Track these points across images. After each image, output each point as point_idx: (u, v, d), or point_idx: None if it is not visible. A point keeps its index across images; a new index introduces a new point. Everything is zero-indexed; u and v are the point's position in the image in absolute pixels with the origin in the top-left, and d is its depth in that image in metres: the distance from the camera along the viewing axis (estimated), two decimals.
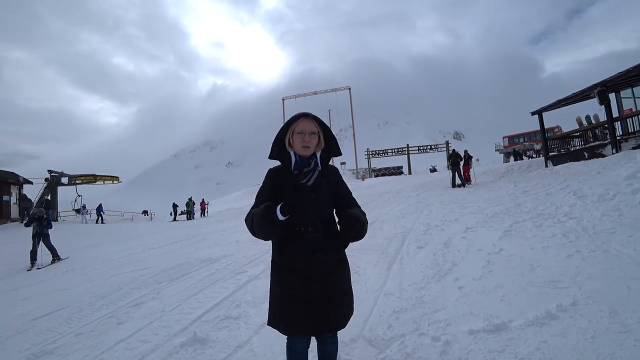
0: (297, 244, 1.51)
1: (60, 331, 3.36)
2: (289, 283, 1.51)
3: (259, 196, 1.58)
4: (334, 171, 1.68)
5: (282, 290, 1.52)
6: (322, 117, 1.73)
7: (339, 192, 1.65)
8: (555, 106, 12.74)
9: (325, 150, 1.65)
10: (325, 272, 1.52)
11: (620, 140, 10.30)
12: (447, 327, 2.31)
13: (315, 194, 1.54)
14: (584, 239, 3.77)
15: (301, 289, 1.48)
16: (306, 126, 1.55)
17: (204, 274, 4.93)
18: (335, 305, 1.52)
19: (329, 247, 1.55)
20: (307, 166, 1.56)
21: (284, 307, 1.50)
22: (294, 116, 1.59)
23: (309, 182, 1.54)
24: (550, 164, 12.75)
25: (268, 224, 1.42)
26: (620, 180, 5.92)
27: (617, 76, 10.03)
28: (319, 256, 1.50)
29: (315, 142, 1.58)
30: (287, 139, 1.59)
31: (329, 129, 1.64)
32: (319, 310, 1.47)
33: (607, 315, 2.16)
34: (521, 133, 40.24)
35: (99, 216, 22.96)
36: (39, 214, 9.16)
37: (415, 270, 3.69)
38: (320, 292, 1.49)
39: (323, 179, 1.59)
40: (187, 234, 11.09)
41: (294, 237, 1.51)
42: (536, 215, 5.22)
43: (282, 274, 1.53)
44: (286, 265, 1.52)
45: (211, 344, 2.63)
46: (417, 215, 7.03)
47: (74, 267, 7.50)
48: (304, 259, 1.49)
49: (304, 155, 1.56)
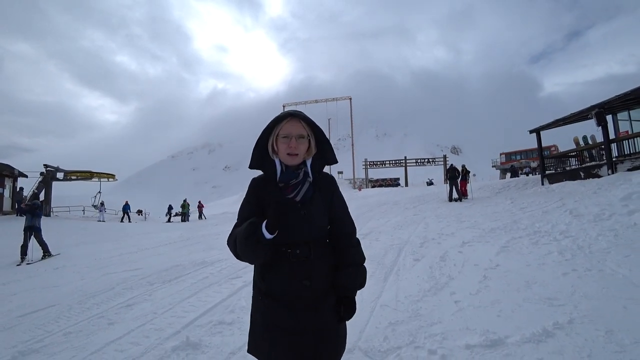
0: (282, 268, 1.26)
1: (48, 329, 3.28)
2: (271, 311, 1.27)
3: (242, 211, 1.34)
4: (328, 181, 1.41)
5: (264, 319, 1.29)
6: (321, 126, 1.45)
7: (333, 212, 1.39)
8: (553, 125, 12.92)
9: (318, 156, 1.39)
10: (314, 302, 1.27)
11: (616, 162, 10.44)
12: (444, 341, 2.30)
13: (306, 210, 1.29)
14: (579, 257, 3.80)
15: (286, 320, 1.25)
16: (293, 129, 1.29)
17: (198, 277, 4.88)
18: (326, 340, 1.28)
19: (320, 272, 1.30)
20: (295, 178, 1.31)
21: (265, 337, 1.27)
22: (278, 116, 1.33)
23: (297, 196, 1.30)
24: (546, 182, 12.87)
25: (253, 244, 1.17)
26: (616, 201, 5.99)
27: (615, 99, 10.22)
28: (307, 284, 1.26)
29: (304, 148, 1.32)
30: (271, 144, 1.34)
31: (321, 131, 1.37)
32: (306, 344, 1.24)
33: (603, 334, 2.17)
34: (518, 150, 40.66)
35: (126, 214, 22.66)
36: (34, 205, 9.05)
37: (412, 282, 3.68)
38: (309, 324, 1.26)
39: (315, 191, 1.34)
40: (181, 236, 11.00)
41: (279, 258, 1.27)
42: (533, 232, 5.25)
43: (264, 300, 1.30)
44: (268, 291, 1.29)
45: (204, 349, 2.58)
46: (413, 228, 7.04)
47: (65, 264, 7.39)
48: (289, 286, 1.26)
49: (291, 164, 1.31)
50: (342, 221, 1.41)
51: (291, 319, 1.25)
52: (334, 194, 1.40)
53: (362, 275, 1.36)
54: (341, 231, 1.40)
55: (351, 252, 1.37)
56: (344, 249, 1.37)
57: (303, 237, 1.28)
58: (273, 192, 1.30)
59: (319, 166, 1.39)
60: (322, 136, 1.38)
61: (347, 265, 1.34)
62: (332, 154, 1.41)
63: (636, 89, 9.51)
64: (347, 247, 1.38)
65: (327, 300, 1.30)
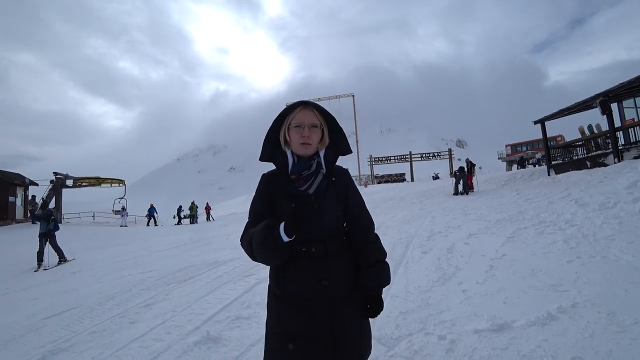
0: (297, 268, 1.19)
1: (73, 330, 3.44)
2: (288, 317, 1.19)
3: (254, 210, 1.28)
4: (343, 173, 1.34)
5: (280, 325, 1.20)
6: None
7: (349, 208, 1.31)
8: (558, 115, 12.87)
9: (331, 147, 1.33)
10: (333, 304, 1.19)
11: (622, 150, 10.40)
12: (453, 327, 2.42)
13: (320, 204, 1.22)
14: (584, 245, 3.88)
15: (304, 325, 1.17)
16: (305, 117, 1.24)
17: (212, 276, 5.03)
18: (346, 348, 1.19)
19: (339, 271, 1.22)
20: (308, 169, 1.24)
21: (283, 346, 1.18)
22: (290, 105, 1.28)
23: (310, 188, 1.23)
24: (552, 172, 12.84)
25: (272, 248, 1.11)
26: (621, 189, 6.02)
27: (620, 86, 10.17)
28: (325, 284, 1.18)
29: (317, 137, 1.27)
30: (282, 134, 1.29)
31: (335, 120, 1.31)
32: (324, 351, 1.16)
33: (605, 316, 2.27)
34: (524, 142, 40.35)
35: (152, 218, 22.48)
36: (48, 212, 9.30)
37: (420, 274, 3.80)
38: (326, 328, 1.17)
39: (329, 184, 1.27)
40: (192, 238, 11.20)
41: (294, 258, 1.20)
42: (538, 222, 5.32)
43: (280, 305, 1.22)
44: (284, 295, 1.21)
45: (224, 342, 2.71)
46: (420, 222, 7.14)
47: (82, 269, 7.62)
48: (307, 287, 1.18)
49: (304, 154, 1.26)
50: (358, 216, 1.32)
51: (308, 323, 1.17)
52: (349, 187, 1.33)
53: (386, 273, 1.29)
54: (358, 226, 1.31)
55: (371, 250, 1.29)
56: (363, 246, 1.29)
57: (318, 233, 1.21)
58: (285, 184, 1.25)
59: (333, 156, 1.32)
60: (336, 125, 1.32)
61: (370, 265, 1.26)
62: (346, 143, 1.34)
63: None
64: (365, 244, 1.30)
65: (346, 303, 1.22)
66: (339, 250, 1.24)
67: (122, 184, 26.27)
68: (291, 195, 1.21)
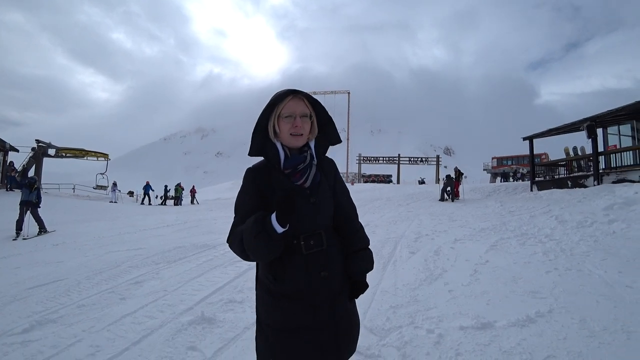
0: (296, 263, 1.17)
1: (60, 302, 3.41)
2: (287, 312, 1.17)
3: (242, 207, 1.21)
4: (330, 164, 1.33)
5: (277, 320, 1.18)
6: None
7: (337, 197, 1.31)
8: (546, 134, 13.36)
9: (320, 137, 1.30)
10: (331, 295, 1.20)
11: (603, 174, 10.94)
12: (440, 323, 2.59)
13: (316, 197, 1.21)
14: (562, 258, 4.14)
15: (303, 318, 1.17)
16: (296, 107, 1.19)
17: (202, 259, 5.07)
18: (344, 332, 1.23)
19: (335, 261, 1.24)
20: (302, 162, 1.20)
21: (281, 339, 1.17)
22: (279, 94, 1.21)
23: (306, 182, 1.21)
24: (535, 188, 13.35)
25: (266, 241, 1.06)
26: (599, 210, 6.38)
27: (607, 113, 10.67)
28: (325, 275, 1.18)
29: (308, 127, 1.22)
30: (271, 126, 1.22)
31: (324, 109, 1.28)
32: (327, 338, 1.17)
33: (577, 322, 2.49)
34: (510, 156, 41.46)
35: (147, 196, 22.09)
36: (31, 180, 9.03)
37: (409, 272, 3.97)
38: (328, 317, 1.18)
39: (322, 176, 1.26)
40: (177, 220, 11.11)
41: (291, 253, 1.18)
42: (520, 234, 5.60)
43: (277, 302, 1.18)
44: (282, 291, 1.18)
45: (219, 324, 2.76)
46: (407, 224, 7.35)
47: (64, 241, 7.47)
48: (306, 280, 1.17)
49: (295, 146, 1.21)
50: (345, 206, 1.34)
51: (310, 316, 1.17)
52: (336, 177, 1.33)
53: (370, 259, 1.33)
54: (345, 216, 1.33)
55: (357, 237, 1.33)
56: (350, 234, 1.32)
57: (315, 227, 1.20)
58: (280, 179, 1.20)
59: (323, 147, 1.30)
60: (325, 114, 1.29)
61: (356, 251, 1.30)
62: (335, 134, 1.32)
63: (627, 105, 9.96)
64: (352, 232, 1.33)
65: (342, 291, 1.25)
66: (333, 240, 1.25)
67: (106, 158, 25.59)
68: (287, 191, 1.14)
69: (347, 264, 1.28)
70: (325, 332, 1.17)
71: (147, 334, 2.63)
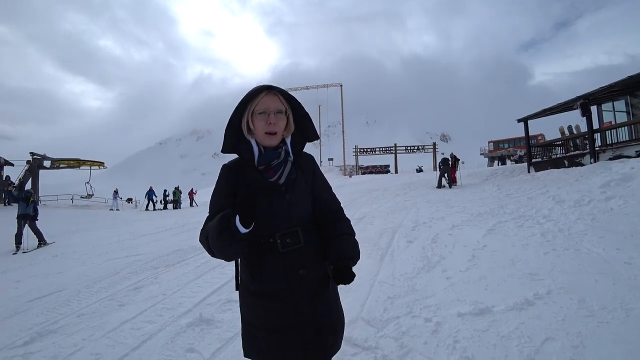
0: (273, 261, 1.16)
1: (60, 312, 3.42)
2: (267, 311, 1.16)
3: (214, 205, 1.20)
4: (308, 159, 1.31)
5: (259, 319, 1.17)
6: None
7: (316, 192, 1.29)
8: (540, 115, 13.32)
9: (297, 133, 1.28)
10: (311, 292, 1.19)
11: (599, 151, 10.92)
12: (438, 311, 2.58)
13: (291, 194, 1.19)
14: (559, 239, 4.13)
15: (284, 317, 1.15)
16: (270, 103, 1.17)
17: (200, 261, 5.06)
18: (326, 329, 1.21)
19: (313, 258, 1.21)
20: (277, 158, 1.19)
21: (263, 338, 1.16)
22: (253, 90, 1.19)
23: (280, 179, 1.19)
24: (532, 170, 13.35)
25: (229, 241, 1.04)
26: (596, 188, 6.37)
27: (600, 90, 10.61)
28: (303, 273, 1.17)
29: (283, 124, 1.20)
30: (245, 122, 1.21)
31: (300, 105, 1.26)
32: (309, 336, 1.16)
33: (576, 302, 2.48)
34: (506, 139, 41.49)
35: (151, 201, 22.03)
36: (27, 194, 9.01)
37: (406, 262, 3.96)
38: (309, 315, 1.17)
39: (298, 172, 1.24)
40: (176, 223, 11.11)
41: (268, 251, 1.16)
42: (518, 216, 5.59)
43: (257, 301, 1.18)
44: (263, 291, 1.16)
45: (217, 324, 2.77)
46: (405, 213, 7.33)
47: (64, 252, 7.48)
48: (284, 279, 1.16)
49: (269, 144, 1.19)
50: (326, 200, 1.31)
51: (290, 314, 1.16)
52: (315, 173, 1.31)
53: (356, 245, 1.25)
54: (327, 210, 1.31)
55: (340, 224, 1.29)
56: (332, 222, 1.28)
57: (291, 224, 1.18)
58: (253, 176, 1.19)
59: (300, 144, 1.28)
60: (301, 110, 1.26)
61: (339, 235, 1.24)
62: (312, 130, 1.29)
63: (620, 81, 9.91)
64: (334, 221, 1.29)
65: (322, 289, 1.23)
66: (311, 237, 1.23)
67: (102, 167, 25.52)
68: (262, 188, 1.16)
69: (329, 249, 1.22)
70: (307, 329, 1.16)
71: (146, 338, 2.63)
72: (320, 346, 1.19)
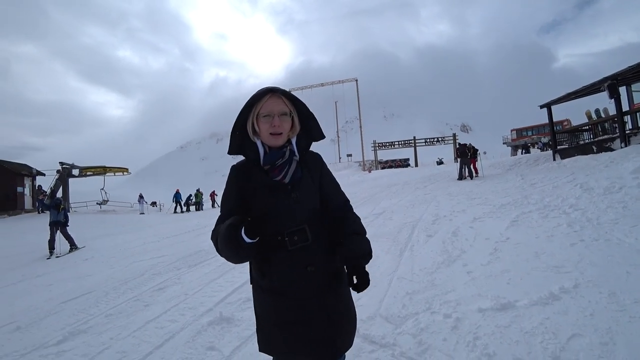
0: (281, 258, 1.18)
1: (90, 313, 3.60)
2: (277, 307, 1.20)
3: (225, 205, 1.25)
4: (315, 158, 1.34)
5: (270, 315, 1.22)
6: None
7: (324, 190, 1.31)
8: (565, 99, 12.69)
9: (302, 134, 1.30)
10: (320, 289, 1.21)
11: (630, 134, 10.29)
12: (457, 306, 2.51)
13: (297, 193, 1.22)
14: (588, 229, 3.92)
15: (293, 313, 1.18)
16: (274, 106, 1.20)
17: (221, 260, 5.13)
18: (338, 324, 1.23)
19: (322, 256, 1.23)
20: (281, 157, 1.22)
21: (274, 333, 1.21)
22: (257, 93, 1.23)
23: (285, 178, 1.21)
24: (557, 157, 12.77)
25: (235, 249, 1.09)
26: (627, 174, 6.00)
27: (628, 69, 9.97)
28: (311, 270, 1.19)
29: (287, 126, 1.23)
30: (250, 124, 1.24)
31: (305, 106, 1.29)
32: (318, 331, 1.18)
33: (605, 296, 2.34)
34: (529, 126, 39.88)
35: (178, 204, 22.62)
36: (57, 201, 9.47)
37: (426, 256, 3.88)
38: (317, 312, 1.19)
39: (304, 171, 1.27)
40: (199, 224, 11.37)
41: (276, 249, 1.18)
42: (542, 206, 5.35)
43: (267, 298, 1.21)
44: (272, 288, 1.20)
45: (237, 322, 2.83)
46: (425, 206, 7.19)
47: (93, 256, 7.82)
48: (292, 276, 1.18)
49: (275, 145, 1.22)
50: (333, 197, 1.34)
51: (299, 310, 1.18)
52: (322, 171, 1.33)
53: (367, 244, 1.26)
54: (334, 206, 1.33)
55: (350, 221, 1.30)
56: (341, 218, 1.31)
57: (298, 222, 1.20)
58: (259, 176, 1.22)
59: (305, 144, 1.31)
60: (306, 111, 1.29)
61: (349, 234, 1.26)
62: (318, 130, 1.32)
63: None
64: (343, 217, 1.31)
65: (333, 288, 1.25)
66: (319, 235, 1.24)
67: (126, 173, 26.54)
68: (267, 186, 1.20)
69: (340, 249, 1.24)
70: (316, 325, 1.18)
71: (169, 337, 2.74)
72: (331, 342, 1.20)
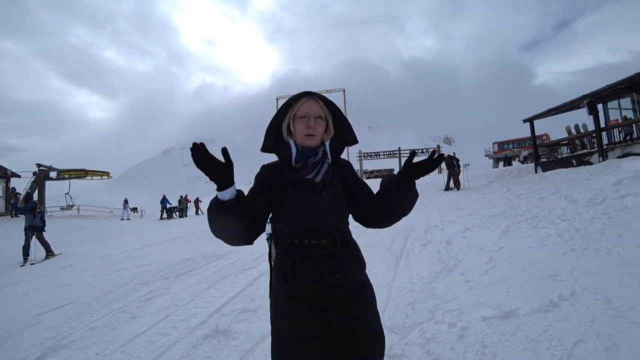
0: (307, 263, 1.13)
1: (71, 325, 3.36)
2: (300, 318, 1.10)
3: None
4: (347, 165, 1.33)
5: (292, 329, 1.11)
6: None
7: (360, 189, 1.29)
8: (547, 114, 13.23)
9: (336, 138, 1.30)
10: (346, 298, 1.14)
11: (607, 149, 10.78)
12: (461, 315, 2.52)
13: (328, 193, 1.18)
14: (577, 238, 4.04)
15: (318, 325, 1.09)
16: (311, 108, 1.20)
17: (211, 270, 5.01)
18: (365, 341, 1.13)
19: (351, 263, 1.18)
20: (314, 156, 1.20)
21: (295, 350, 1.09)
22: (295, 96, 1.23)
23: (316, 177, 1.19)
24: (540, 170, 13.22)
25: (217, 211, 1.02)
26: (608, 187, 6.26)
27: (606, 88, 10.52)
28: (339, 277, 1.13)
29: (322, 129, 1.23)
30: (286, 125, 1.23)
31: (340, 111, 1.28)
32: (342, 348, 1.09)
33: (602, 303, 2.41)
34: (510, 140, 41.30)
35: (165, 210, 21.54)
36: (32, 205, 9.00)
37: (422, 266, 3.90)
38: (342, 325, 1.11)
39: (335, 174, 1.25)
40: (184, 232, 11.08)
41: (302, 253, 1.14)
42: (531, 217, 5.50)
43: (290, 305, 1.12)
44: (292, 294, 1.13)
45: (234, 335, 2.69)
46: (415, 216, 7.26)
47: (72, 263, 7.44)
48: (319, 284, 1.11)
49: (309, 145, 1.21)
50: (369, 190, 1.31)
51: (322, 322, 1.10)
52: (353, 177, 1.33)
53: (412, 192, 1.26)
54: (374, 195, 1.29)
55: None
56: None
57: (327, 224, 1.16)
58: (289, 174, 1.19)
59: (339, 148, 1.30)
60: (341, 116, 1.29)
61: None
62: (352, 135, 1.31)
63: (626, 78, 9.83)
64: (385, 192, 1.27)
65: (360, 299, 1.17)
66: (347, 241, 1.20)
67: (107, 176, 25.68)
68: (297, 184, 1.17)
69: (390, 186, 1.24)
70: (340, 341, 1.10)
71: (161, 352, 2.57)
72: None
